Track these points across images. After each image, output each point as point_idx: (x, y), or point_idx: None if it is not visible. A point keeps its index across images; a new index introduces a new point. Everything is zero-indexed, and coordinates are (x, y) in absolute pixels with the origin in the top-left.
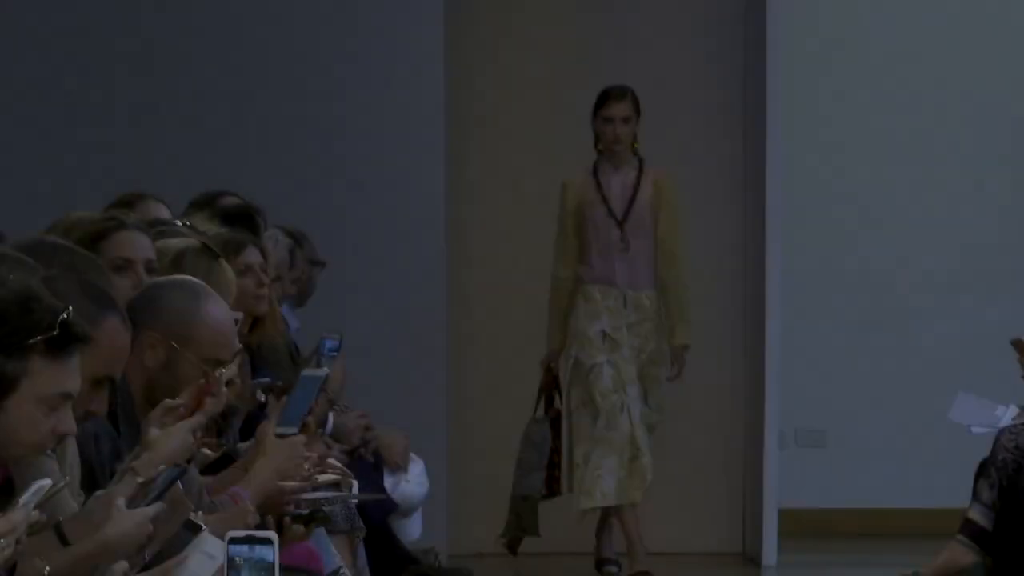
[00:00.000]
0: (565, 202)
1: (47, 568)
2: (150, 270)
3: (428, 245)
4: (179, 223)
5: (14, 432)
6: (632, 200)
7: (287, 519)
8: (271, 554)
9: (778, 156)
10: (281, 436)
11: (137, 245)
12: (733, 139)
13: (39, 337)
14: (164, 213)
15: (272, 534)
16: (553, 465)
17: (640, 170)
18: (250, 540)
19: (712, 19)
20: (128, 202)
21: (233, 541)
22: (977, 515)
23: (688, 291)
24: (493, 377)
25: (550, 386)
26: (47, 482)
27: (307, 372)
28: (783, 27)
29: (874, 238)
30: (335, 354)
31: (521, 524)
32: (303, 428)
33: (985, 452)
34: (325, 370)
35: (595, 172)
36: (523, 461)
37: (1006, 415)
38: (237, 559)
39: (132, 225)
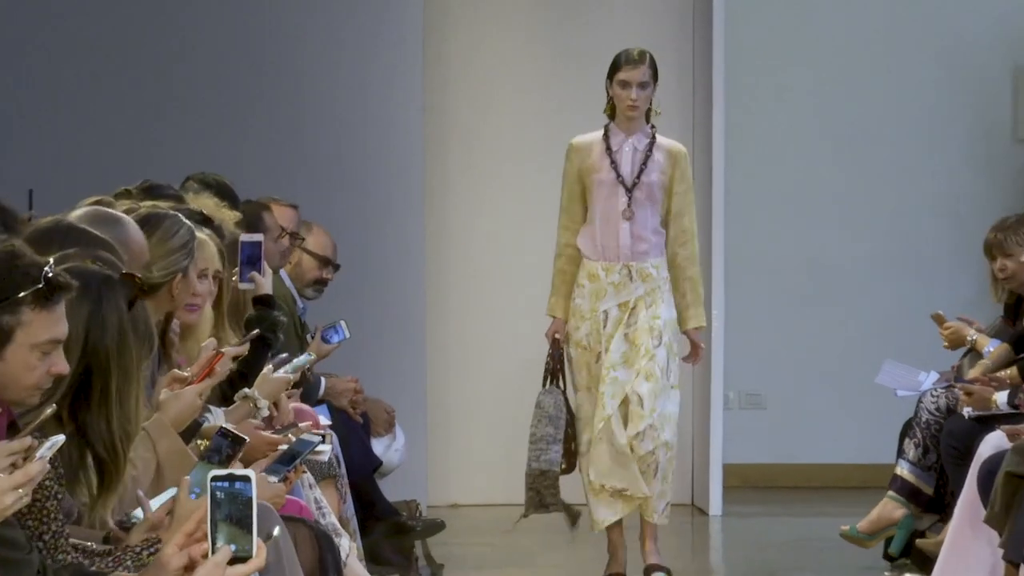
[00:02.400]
0: (570, 165)
1: None
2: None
3: (408, 228)
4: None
5: (14, 377)
6: (643, 168)
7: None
8: (249, 490)
9: (722, 139)
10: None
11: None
12: (683, 129)
13: (27, 290)
14: None
15: (250, 472)
16: (568, 438)
17: (653, 138)
18: (230, 478)
19: (662, 19)
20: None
21: (215, 479)
22: (905, 471)
23: (699, 269)
24: (467, 345)
25: (558, 358)
26: (61, 437)
27: (305, 436)
28: (728, 25)
29: (811, 222)
30: (343, 339)
31: (543, 500)
32: (284, 480)
33: (908, 413)
34: (319, 438)
35: (605, 136)
36: (538, 435)
37: (927, 380)
38: (218, 494)
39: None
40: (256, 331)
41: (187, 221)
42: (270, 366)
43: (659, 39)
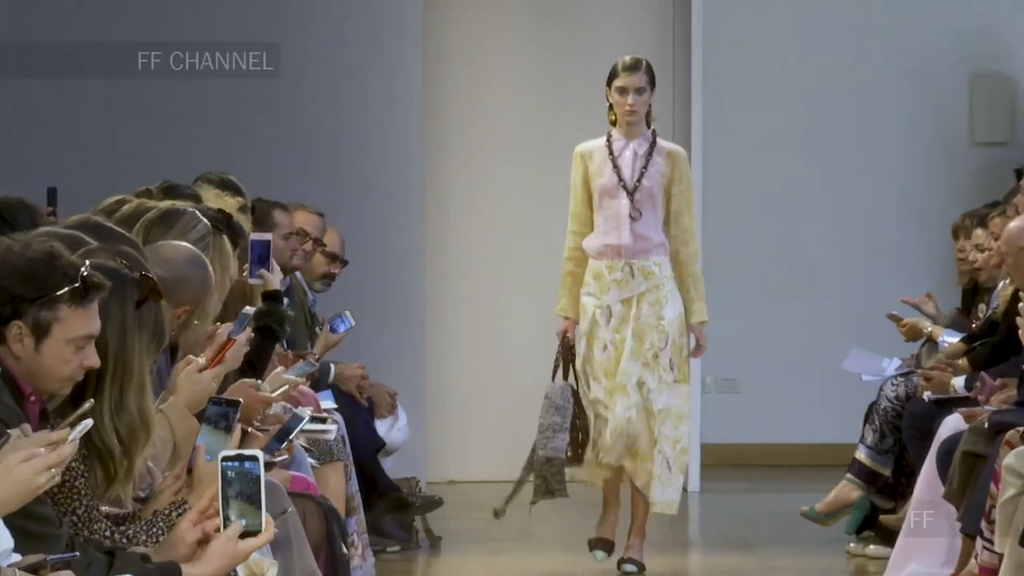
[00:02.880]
0: (576, 171)
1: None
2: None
3: (408, 227)
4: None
5: (50, 369)
6: (644, 171)
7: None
8: (258, 468)
9: (700, 138)
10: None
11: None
12: (663, 128)
13: (65, 289)
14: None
15: (258, 452)
16: (575, 428)
17: (653, 142)
18: (239, 458)
19: (644, 23)
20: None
21: (225, 459)
22: (863, 456)
23: (700, 266)
24: (464, 333)
25: (568, 355)
26: (89, 422)
27: (296, 411)
28: (707, 27)
29: (785, 218)
30: (350, 327)
31: (549, 487)
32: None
33: (872, 397)
34: (308, 413)
35: (608, 141)
36: (545, 424)
37: (890, 366)
38: (229, 473)
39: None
40: (252, 308)
41: (203, 218)
42: (280, 368)
43: (642, 39)
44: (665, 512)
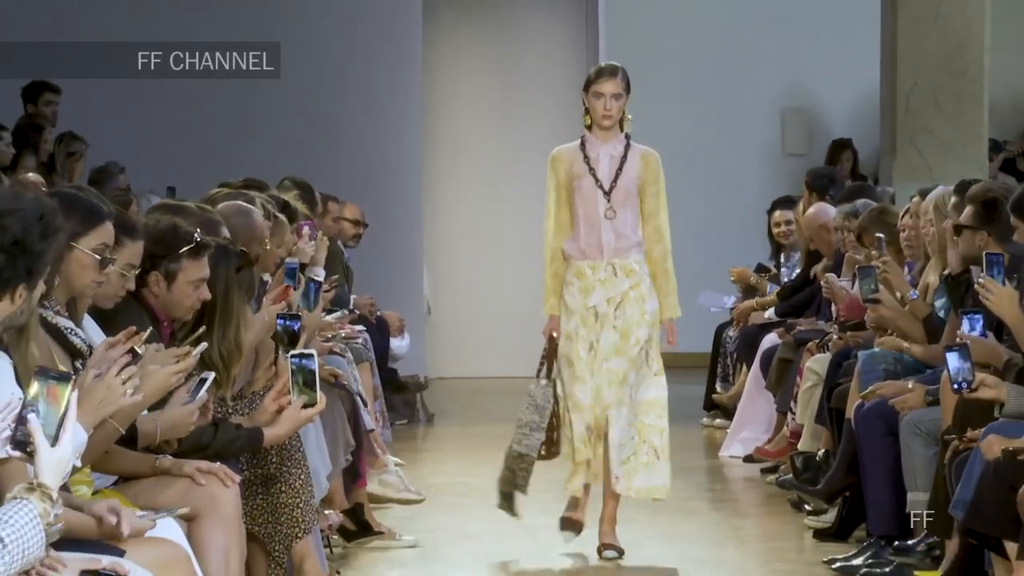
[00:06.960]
0: (554, 173)
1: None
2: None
3: (410, 203)
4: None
5: (178, 302)
6: (619, 172)
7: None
8: (314, 363)
9: None
10: None
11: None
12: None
13: (185, 248)
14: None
15: (313, 351)
16: (551, 427)
17: (627, 145)
18: (301, 355)
19: (560, 41)
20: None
21: (292, 356)
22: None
23: (672, 263)
24: (450, 278)
25: (554, 353)
26: (205, 344)
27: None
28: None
29: None
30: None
31: (515, 480)
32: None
33: (717, 320)
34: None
35: (583, 145)
36: (524, 421)
37: (729, 300)
38: (294, 366)
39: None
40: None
41: (258, 197)
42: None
43: (555, 62)
44: (656, 496)
